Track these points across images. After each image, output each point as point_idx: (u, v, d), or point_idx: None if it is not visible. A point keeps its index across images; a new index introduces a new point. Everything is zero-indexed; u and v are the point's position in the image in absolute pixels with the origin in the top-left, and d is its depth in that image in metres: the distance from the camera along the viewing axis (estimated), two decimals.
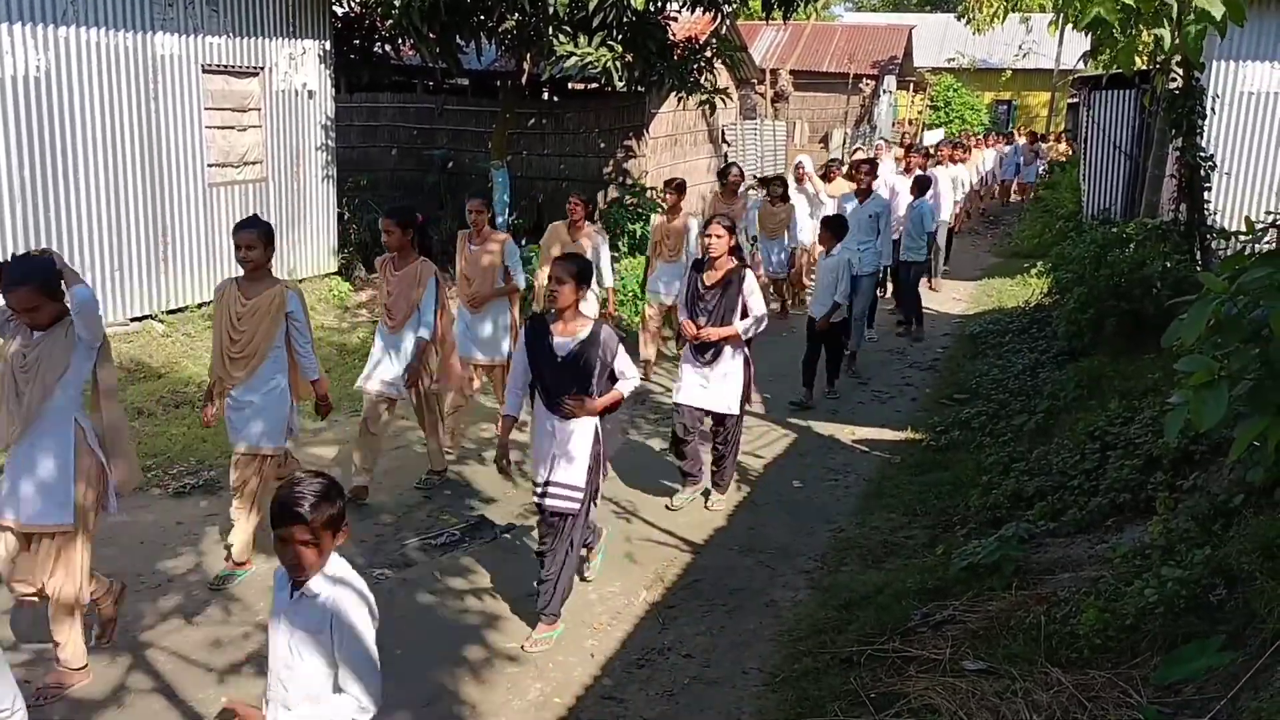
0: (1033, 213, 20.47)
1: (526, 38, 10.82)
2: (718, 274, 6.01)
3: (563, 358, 4.62)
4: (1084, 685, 3.48)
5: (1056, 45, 31.64)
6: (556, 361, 4.64)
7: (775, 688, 4.27)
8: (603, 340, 4.64)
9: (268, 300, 5.03)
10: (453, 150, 14.60)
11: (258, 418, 5.10)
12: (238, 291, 5.08)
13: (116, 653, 4.47)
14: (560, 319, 4.66)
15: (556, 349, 4.64)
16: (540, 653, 4.63)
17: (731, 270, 6.00)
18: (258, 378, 5.07)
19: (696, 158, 16.41)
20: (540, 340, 4.70)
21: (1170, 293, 6.94)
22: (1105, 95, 14.20)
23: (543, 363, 4.68)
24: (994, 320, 11.26)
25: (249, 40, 9.87)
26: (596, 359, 4.62)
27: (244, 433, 5.12)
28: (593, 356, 4.62)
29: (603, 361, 4.63)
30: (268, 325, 5.03)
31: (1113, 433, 5.77)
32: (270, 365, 5.09)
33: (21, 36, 7.77)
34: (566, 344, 4.64)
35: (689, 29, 13.16)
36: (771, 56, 26.68)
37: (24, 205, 7.95)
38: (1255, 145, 10.66)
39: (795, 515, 6.29)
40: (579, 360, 4.62)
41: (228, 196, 9.90)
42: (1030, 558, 4.77)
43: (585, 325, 4.67)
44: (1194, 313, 3.18)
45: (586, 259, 4.96)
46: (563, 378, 4.63)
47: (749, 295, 6.01)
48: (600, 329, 4.66)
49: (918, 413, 8.41)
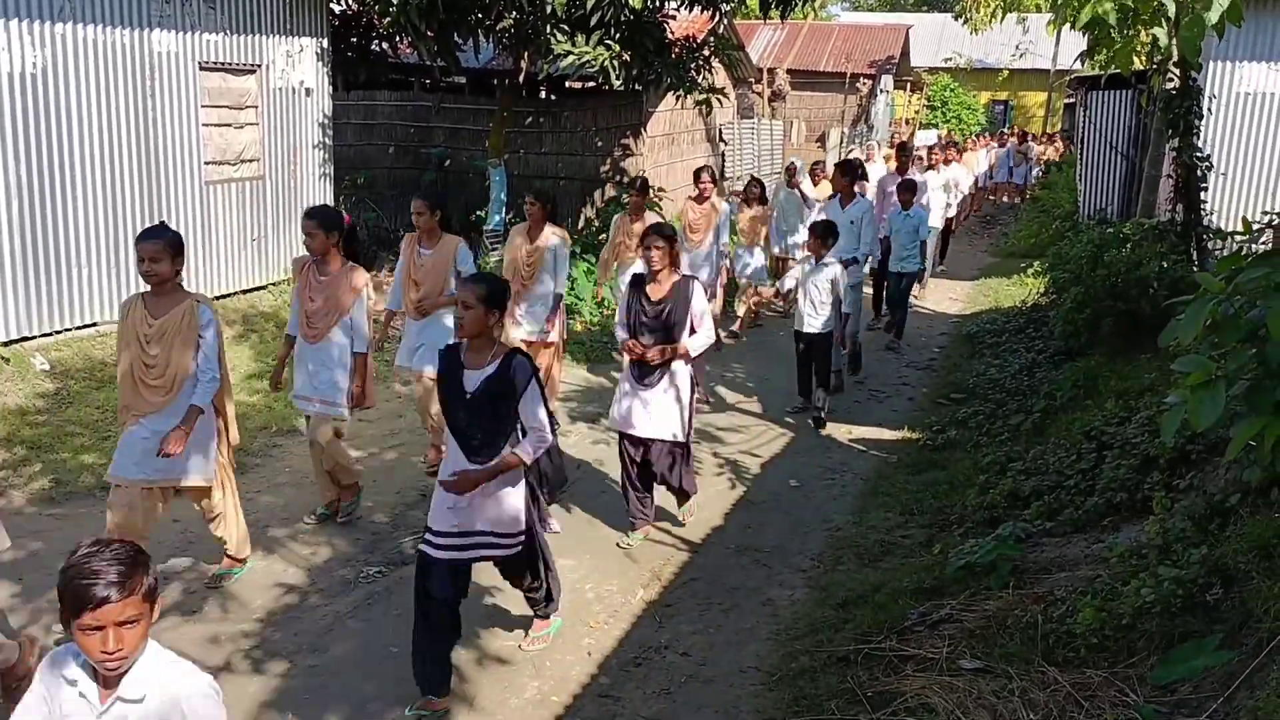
0: (1029, 213, 20.50)
1: (524, 36, 10.82)
2: (662, 288, 5.45)
3: (471, 394, 4.01)
4: (1081, 684, 3.49)
5: (1053, 45, 31.69)
6: (465, 399, 4.02)
7: (772, 686, 4.27)
8: (513, 374, 4.01)
9: (177, 318, 4.54)
10: (450, 149, 14.58)
11: None
12: (144, 310, 4.57)
13: None
14: (471, 349, 4.07)
15: (466, 384, 4.03)
16: (537, 651, 4.63)
17: (677, 284, 5.44)
18: (177, 405, 4.59)
19: (694, 157, 16.41)
20: (452, 375, 4.09)
21: (1167, 293, 6.95)
22: (1102, 95, 14.22)
23: (453, 401, 4.07)
24: (991, 320, 11.27)
25: (246, 38, 9.86)
26: (508, 398, 4.02)
27: (161, 465, 4.59)
28: (502, 395, 4.01)
29: (513, 400, 4.03)
30: (181, 346, 4.54)
31: (1109, 432, 5.78)
32: (189, 390, 4.61)
33: (18, 33, 7.75)
34: (475, 379, 4.03)
35: (686, 28, 13.17)
36: (769, 56, 26.70)
37: (20, 202, 7.93)
38: (1251, 146, 10.68)
39: (792, 514, 6.30)
40: (488, 399, 4.01)
41: (224, 194, 9.88)
42: (1027, 557, 4.77)
43: (497, 355, 4.04)
44: (1191, 313, 3.19)
45: (499, 279, 4.20)
46: (472, 419, 4.03)
47: (696, 310, 5.45)
48: (512, 360, 4.03)
49: (914, 412, 8.42)
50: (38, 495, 6.06)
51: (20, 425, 6.87)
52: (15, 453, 6.50)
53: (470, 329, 4.00)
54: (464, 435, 4.06)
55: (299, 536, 5.72)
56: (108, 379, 7.65)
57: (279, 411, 7.55)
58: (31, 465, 6.38)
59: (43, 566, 5.18)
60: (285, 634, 4.70)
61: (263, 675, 4.36)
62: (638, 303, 5.49)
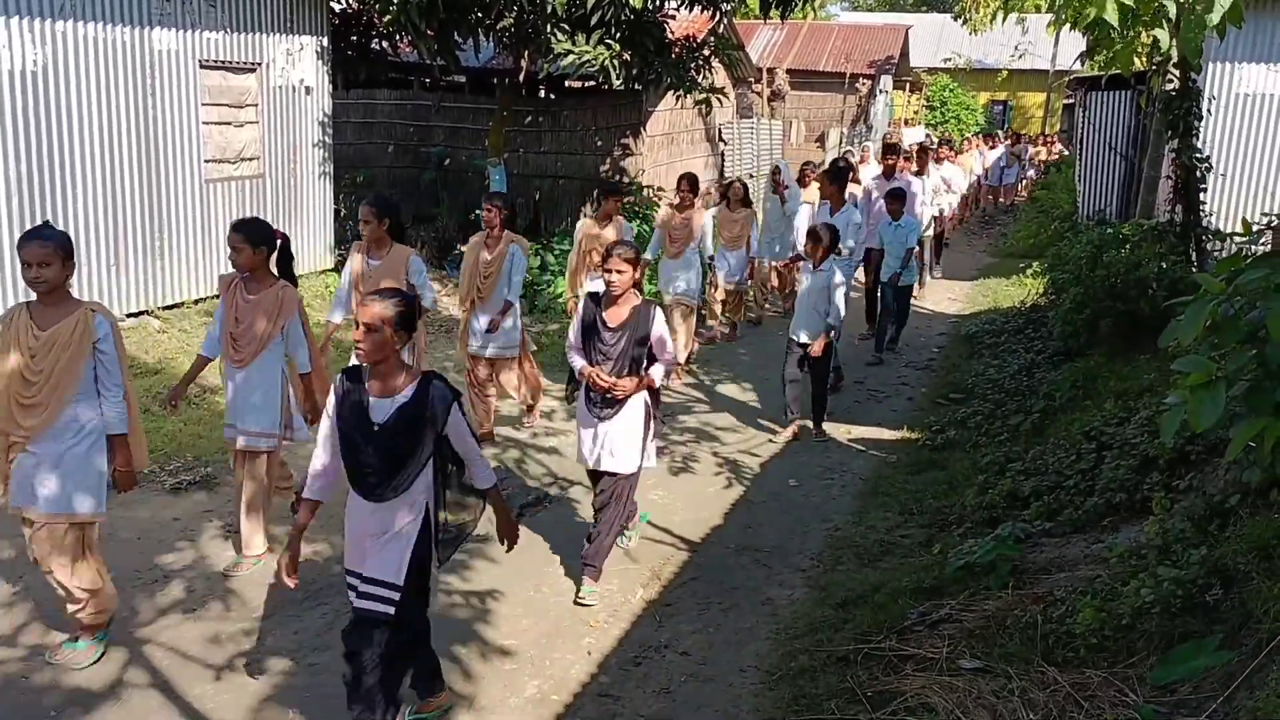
0: (1028, 213, 20.50)
1: (524, 35, 10.83)
2: (621, 312, 4.99)
3: (380, 426, 3.48)
4: (1080, 684, 3.49)
5: (1052, 46, 31.70)
6: (372, 432, 3.50)
7: (772, 685, 4.27)
8: (431, 402, 3.50)
9: (68, 330, 4.04)
10: (449, 147, 14.58)
11: (58, 475, 4.12)
12: (29, 320, 4.06)
13: (114, 648, 4.47)
14: (375, 375, 3.54)
15: (372, 414, 3.51)
16: (537, 650, 4.63)
17: (637, 308, 5.00)
18: (59, 426, 4.10)
19: (693, 156, 16.42)
20: (354, 405, 3.54)
21: (1166, 293, 6.96)
22: (1101, 96, 14.24)
23: (355, 434, 3.53)
24: (990, 320, 11.28)
25: (246, 36, 9.86)
26: (425, 430, 3.51)
27: (40, 494, 4.12)
28: (418, 426, 3.50)
29: (431, 432, 3.53)
30: (69, 362, 4.04)
31: (1108, 433, 5.79)
32: (75, 409, 4.12)
33: (19, 30, 7.75)
34: (385, 409, 3.51)
35: (687, 27, 13.18)
36: (768, 55, 26.71)
37: (20, 200, 7.93)
38: (1251, 147, 10.69)
39: (791, 514, 6.30)
40: (400, 431, 3.50)
41: (224, 192, 9.88)
42: (1026, 557, 4.78)
43: (410, 381, 3.54)
44: (1191, 314, 3.19)
45: (407, 295, 3.67)
46: (380, 457, 3.50)
47: (657, 337, 5.03)
48: (429, 386, 3.52)
49: (914, 412, 8.42)
50: None
51: None
52: None
53: (373, 353, 3.46)
54: (366, 476, 3.54)
55: None
56: None
57: None
58: None
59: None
60: (286, 632, 4.70)
61: (264, 673, 4.37)
62: (594, 327, 5.02)
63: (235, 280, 5.06)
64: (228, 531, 5.56)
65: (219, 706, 4.13)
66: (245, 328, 4.99)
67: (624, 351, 4.99)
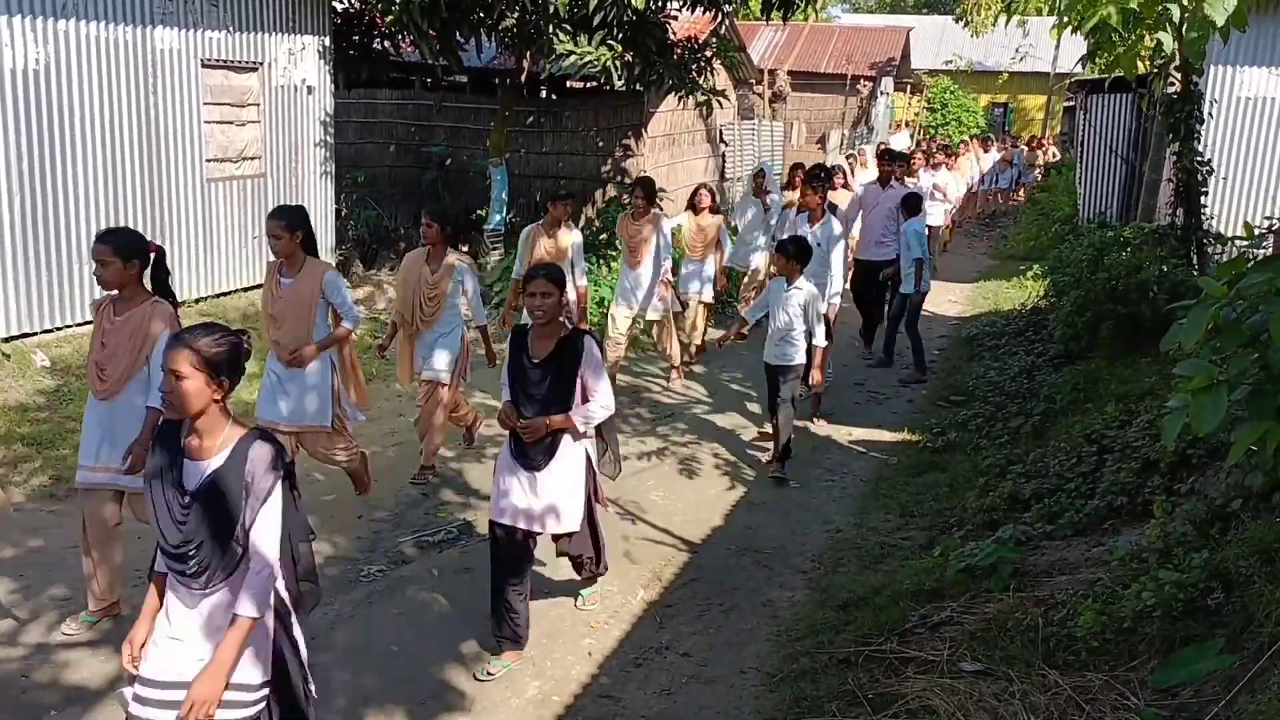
0: (1029, 215, 20.49)
1: (526, 35, 10.82)
2: (548, 344, 4.36)
3: (191, 494, 2.87)
4: (1081, 688, 3.50)
5: (1053, 48, 31.70)
6: (182, 503, 2.87)
7: (773, 687, 4.28)
8: (249, 467, 2.86)
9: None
10: (451, 147, 14.58)
11: None
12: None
13: (115, 646, 4.47)
14: (193, 430, 2.90)
15: (185, 479, 2.90)
16: (538, 650, 4.63)
17: (565, 340, 4.36)
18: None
19: (694, 157, 16.43)
20: (168, 463, 2.93)
21: (1167, 297, 6.97)
22: (1102, 99, 14.25)
23: (167, 503, 2.89)
24: (990, 323, 11.28)
25: (248, 35, 9.86)
26: (240, 499, 2.86)
27: None
28: (233, 495, 2.86)
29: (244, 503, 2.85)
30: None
31: (1110, 436, 5.78)
32: None
33: (21, 29, 7.75)
34: (199, 472, 2.89)
35: (689, 29, 13.18)
36: (769, 57, 26.71)
37: (22, 198, 7.93)
38: (1252, 150, 10.69)
39: (792, 515, 6.30)
40: (211, 501, 2.86)
41: (225, 192, 9.88)
42: (1027, 560, 4.78)
43: (229, 441, 2.90)
44: (1193, 317, 3.20)
45: (228, 333, 2.95)
46: (189, 529, 2.86)
47: (590, 371, 4.38)
48: (250, 445, 2.88)
49: (914, 414, 8.43)
50: (37, 492, 6.05)
51: (20, 422, 6.87)
52: (15, 449, 6.49)
53: (183, 405, 2.84)
54: (178, 555, 2.87)
55: None
56: None
57: None
58: (31, 462, 6.37)
59: (42, 563, 5.18)
60: None
61: None
62: (519, 362, 4.40)
63: (105, 302, 4.53)
64: None
65: None
66: (109, 353, 4.41)
67: (551, 390, 4.33)
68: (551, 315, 4.31)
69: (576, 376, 4.36)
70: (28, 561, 5.21)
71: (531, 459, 4.40)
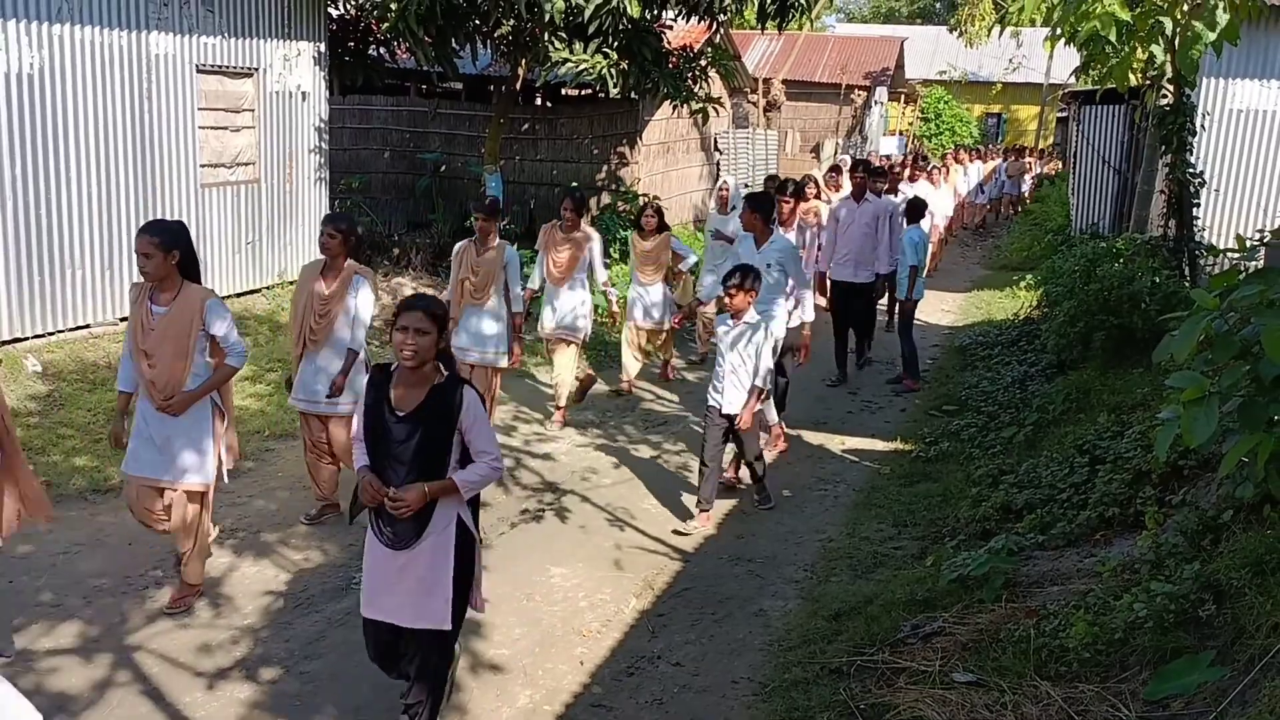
0: (1021, 226, 20.57)
1: (522, 43, 10.85)
2: (417, 393, 3.58)
3: None
4: (1073, 699, 3.50)
5: (1046, 60, 31.86)
6: None
7: (765, 697, 4.27)
8: None
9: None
10: (445, 154, 14.60)
11: None
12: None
13: (103, 653, 4.45)
14: None
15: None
16: (529, 660, 4.62)
17: (440, 388, 3.59)
18: None
19: (688, 165, 16.46)
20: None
21: (1159, 308, 7.00)
22: (1095, 110, 14.33)
23: None
24: (983, 332, 11.31)
25: (244, 41, 9.85)
26: None
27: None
28: None
29: None
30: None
31: (1102, 446, 5.80)
32: None
33: (15, 33, 7.73)
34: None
35: (684, 37, 13.22)
36: (764, 66, 26.79)
37: (14, 202, 7.90)
38: (1244, 162, 10.76)
39: (784, 524, 6.30)
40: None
41: (219, 197, 9.87)
42: (1019, 570, 4.78)
43: None
44: (1185, 329, 3.21)
45: None
46: None
47: (474, 428, 3.62)
48: None
49: (907, 423, 8.43)
50: None
51: None
52: None
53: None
54: None
55: (291, 542, 5.70)
56: (100, 381, 7.63)
57: (272, 415, 7.54)
58: None
59: (32, 570, 5.15)
60: (277, 640, 4.68)
61: (254, 681, 4.34)
62: (378, 414, 3.61)
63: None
64: (221, 539, 5.53)
65: (209, 714, 4.10)
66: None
67: (420, 450, 3.55)
68: (424, 358, 3.53)
69: (453, 434, 3.59)
70: (16, 568, 5.17)
71: (399, 536, 3.63)
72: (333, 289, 5.61)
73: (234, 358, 4.77)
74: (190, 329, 4.61)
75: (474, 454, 3.64)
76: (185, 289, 4.63)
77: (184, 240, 4.60)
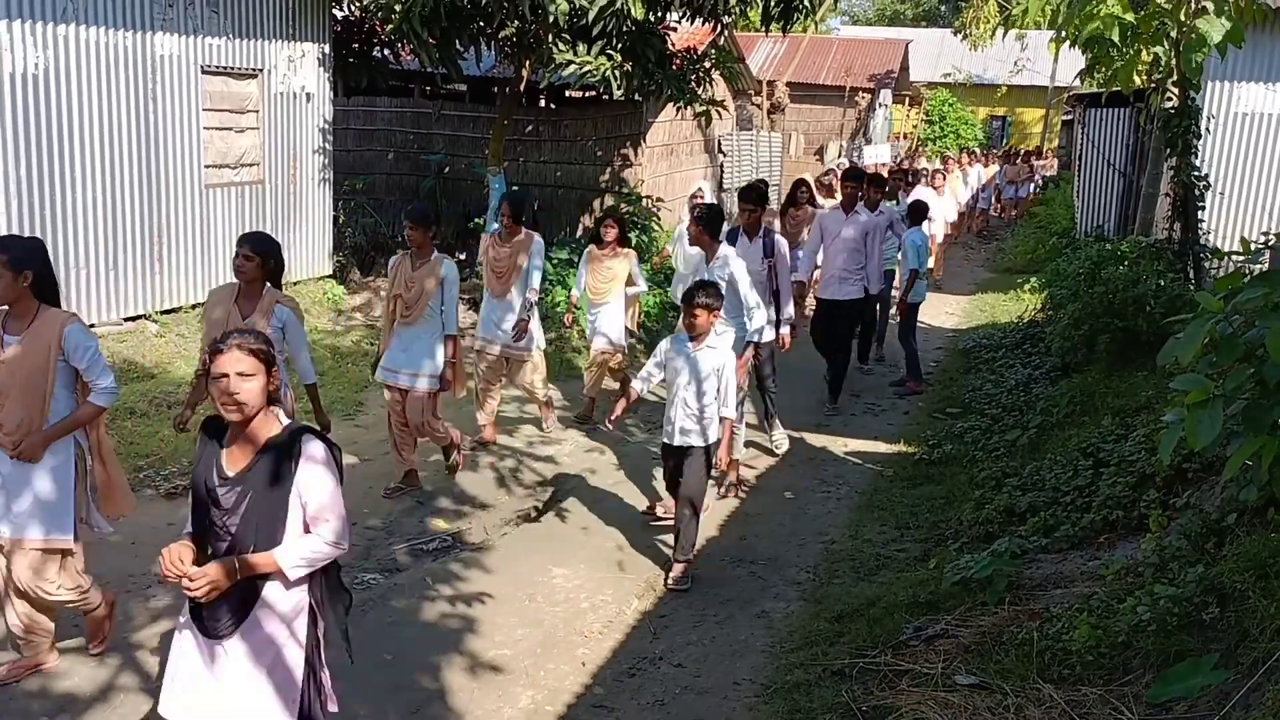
0: (1026, 228, 20.54)
1: (526, 45, 10.85)
2: (247, 450, 2.98)
3: None
4: (1076, 702, 3.49)
5: (1051, 62, 31.82)
6: None
7: (767, 699, 4.26)
8: None
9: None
10: (449, 155, 14.60)
11: None
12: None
13: (107, 653, 4.45)
14: None
15: None
16: (531, 660, 4.61)
17: (275, 440, 2.96)
18: None
19: (692, 167, 16.45)
20: None
21: (1163, 311, 6.98)
22: (1100, 113, 14.30)
23: None
24: (987, 335, 11.30)
25: (248, 42, 9.87)
26: None
27: None
28: None
29: None
30: None
31: (1106, 449, 5.79)
32: None
33: (21, 34, 7.75)
34: None
35: (688, 39, 13.21)
36: (769, 68, 26.77)
37: (20, 203, 7.92)
38: (1249, 165, 10.74)
39: (787, 526, 6.29)
40: None
41: (224, 198, 9.88)
42: (1023, 573, 4.78)
43: None
44: (1190, 332, 3.20)
45: None
46: None
47: (307, 491, 2.95)
48: None
49: (910, 426, 8.42)
50: None
51: None
52: None
53: None
54: None
55: None
56: None
57: None
58: None
59: None
60: None
61: None
62: (209, 475, 2.99)
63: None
64: None
65: None
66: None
67: (249, 520, 2.93)
68: (253, 410, 2.91)
69: (287, 500, 2.94)
70: None
71: (212, 621, 2.96)
72: (250, 320, 4.82)
73: (100, 395, 4.02)
74: (47, 362, 3.90)
75: (309, 521, 2.96)
76: (41, 314, 3.94)
77: (39, 258, 3.95)
